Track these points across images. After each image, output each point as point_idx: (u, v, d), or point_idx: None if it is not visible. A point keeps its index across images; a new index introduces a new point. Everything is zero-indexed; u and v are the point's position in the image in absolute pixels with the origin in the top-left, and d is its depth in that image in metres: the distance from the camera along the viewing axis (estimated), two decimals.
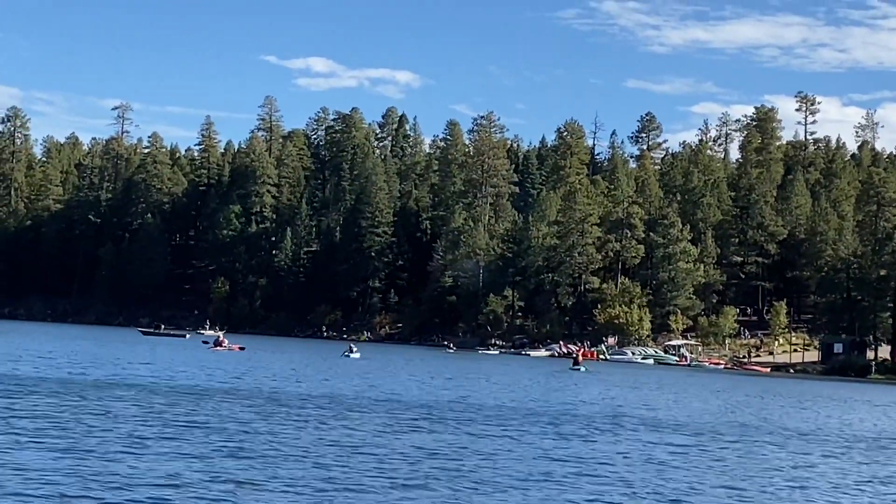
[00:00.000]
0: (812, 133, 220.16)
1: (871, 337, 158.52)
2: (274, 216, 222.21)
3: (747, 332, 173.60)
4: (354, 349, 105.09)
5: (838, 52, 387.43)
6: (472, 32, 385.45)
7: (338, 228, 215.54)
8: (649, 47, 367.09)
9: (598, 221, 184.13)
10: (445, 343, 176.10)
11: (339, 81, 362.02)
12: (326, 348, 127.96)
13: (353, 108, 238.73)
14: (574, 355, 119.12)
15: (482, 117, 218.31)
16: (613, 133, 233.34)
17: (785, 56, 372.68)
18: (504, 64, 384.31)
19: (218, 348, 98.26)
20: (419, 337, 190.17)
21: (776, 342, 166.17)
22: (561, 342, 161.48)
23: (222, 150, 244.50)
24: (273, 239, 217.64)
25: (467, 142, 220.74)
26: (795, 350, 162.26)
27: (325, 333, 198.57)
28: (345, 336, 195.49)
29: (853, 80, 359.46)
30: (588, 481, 25.04)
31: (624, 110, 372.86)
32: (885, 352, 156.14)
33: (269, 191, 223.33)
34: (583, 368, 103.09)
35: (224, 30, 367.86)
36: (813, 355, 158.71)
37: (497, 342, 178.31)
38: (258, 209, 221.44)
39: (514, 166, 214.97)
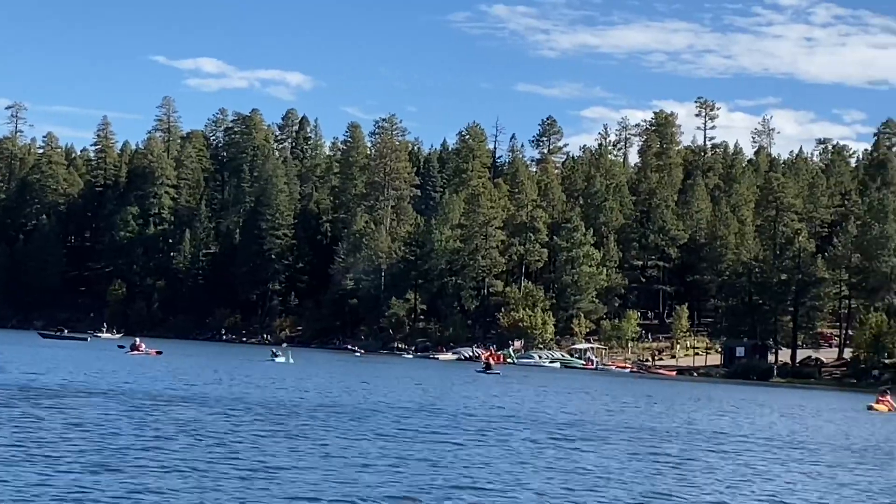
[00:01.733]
0: (711, 138, 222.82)
1: (772, 340, 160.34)
2: (172, 218, 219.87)
3: (649, 336, 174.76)
4: (279, 353, 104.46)
5: (724, 58, 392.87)
6: (364, 35, 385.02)
7: (237, 230, 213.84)
8: (539, 52, 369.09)
9: (502, 225, 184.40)
10: (349, 346, 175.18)
11: (229, 82, 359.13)
12: (245, 352, 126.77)
13: (252, 110, 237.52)
14: (484, 359, 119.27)
15: (384, 120, 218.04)
16: (513, 137, 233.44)
17: (672, 61, 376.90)
18: (395, 67, 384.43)
19: (135, 352, 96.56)
20: (320, 340, 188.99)
21: (678, 346, 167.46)
22: (477, 346, 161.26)
23: (119, 151, 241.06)
24: (171, 241, 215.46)
25: (369, 144, 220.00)
26: (697, 353, 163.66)
27: (225, 336, 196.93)
28: (244, 339, 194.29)
29: (739, 87, 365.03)
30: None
31: (515, 114, 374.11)
32: (785, 355, 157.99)
33: (167, 192, 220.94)
34: (499, 372, 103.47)
35: (113, 30, 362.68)
36: (715, 359, 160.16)
37: (401, 345, 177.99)
38: (156, 211, 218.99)
39: (415, 169, 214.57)
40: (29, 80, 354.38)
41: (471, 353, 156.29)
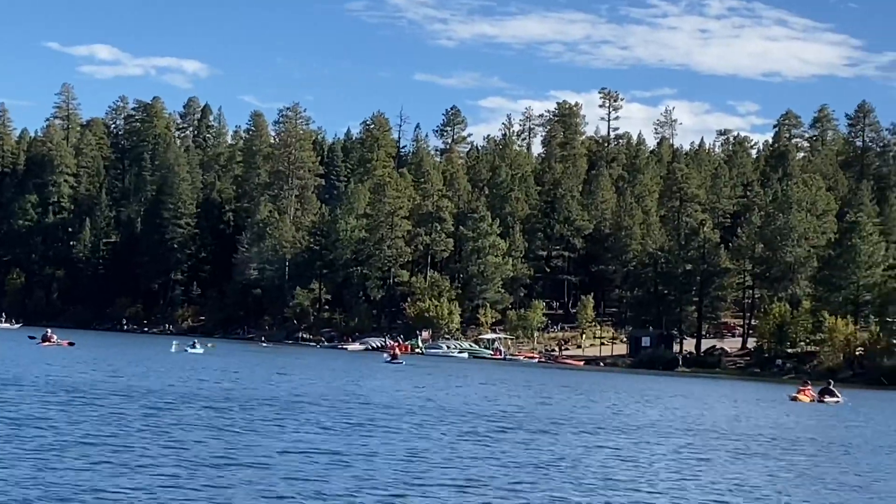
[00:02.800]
0: (615, 129, 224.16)
1: (676, 330, 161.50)
2: (72, 206, 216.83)
3: (555, 326, 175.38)
4: (197, 344, 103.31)
5: (621, 49, 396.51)
6: (260, 22, 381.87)
7: (139, 220, 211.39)
8: (437, 41, 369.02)
9: (408, 215, 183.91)
10: (252, 337, 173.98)
11: (124, 69, 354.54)
12: (159, 343, 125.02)
13: (154, 98, 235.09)
14: (390, 349, 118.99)
15: (288, 108, 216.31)
16: (418, 126, 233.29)
17: (570, 52, 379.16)
18: (292, 55, 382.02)
19: (46, 344, 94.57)
20: (223, 330, 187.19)
21: (584, 336, 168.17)
22: (386, 337, 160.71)
23: (17, 139, 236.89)
24: (71, 230, 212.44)
25: (272, 133, 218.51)
26: (603, 343, 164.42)
27: (126, 327, 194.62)
28: (145, 329, 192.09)
29: (635, 78, 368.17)
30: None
31: (414, 104, 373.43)
32: (690, 345, 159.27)
33: (66, 180, 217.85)
34: (402, 362, 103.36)
35: (5, 16, 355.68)
36: (620, 348, 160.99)
37: (306, 336, 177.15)
38: (55, 199, 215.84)
39: (319, 158, 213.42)
40: None
41: (379, 344, 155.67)
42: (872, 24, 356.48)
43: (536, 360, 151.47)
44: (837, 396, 65.05)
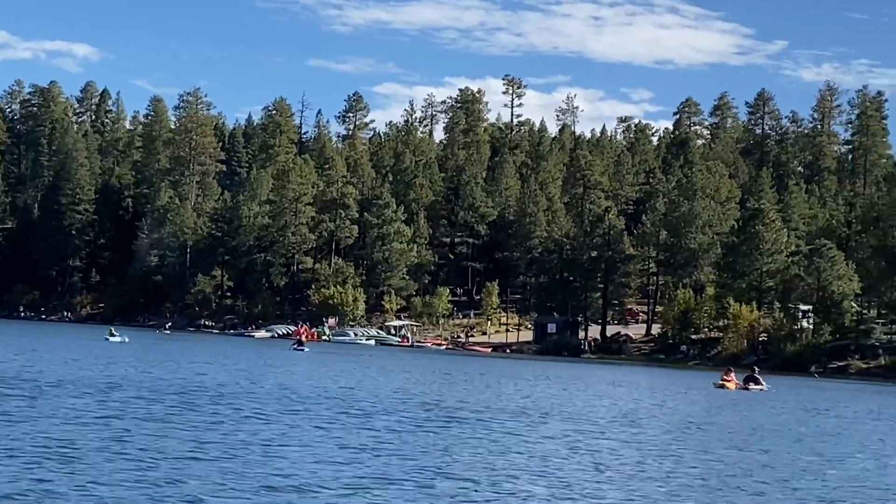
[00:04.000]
0: (518, 116, 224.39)
1: (582, 317, 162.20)
2: None
3: (459, 313, 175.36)
4: (116, 333, 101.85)
5: (515, 35, 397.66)
6: (152, 6, 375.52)
7: (36, 205, 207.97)
8: (332, 27, 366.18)
9: (312, 201, 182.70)
10: (153, 323, 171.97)
11: (14, 53, 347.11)
12: (72, 332, 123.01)
13: (51, 82, 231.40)
14: (297, 336, 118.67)
15: (188, 94, 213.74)
16: (319, 112, 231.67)
17: (464, 39, 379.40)
18: (185, 40, 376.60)
19: None
20: (122, 317, 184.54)
21: (489, 322, 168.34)
22: (293, 324, 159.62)
23: None
24: None
25: (172, 118, 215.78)
26: (508, 330, 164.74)
27: (23, 314, 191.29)
28: (43, 317, 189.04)
29: (530, 64, 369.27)
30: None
31: (308, 90, 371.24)
32: (595, 331, 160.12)
33: None
34: (307, 349, 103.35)
35: None
36: (525, 335, 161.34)
37: (208, 323, 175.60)
38: None
39: (220, 144, 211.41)
40: None
41: (285, 331, 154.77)
42: (762, 13, 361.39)
43: (444, 346, 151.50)
44: (762, 384, 65.37)
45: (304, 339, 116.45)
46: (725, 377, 65.67)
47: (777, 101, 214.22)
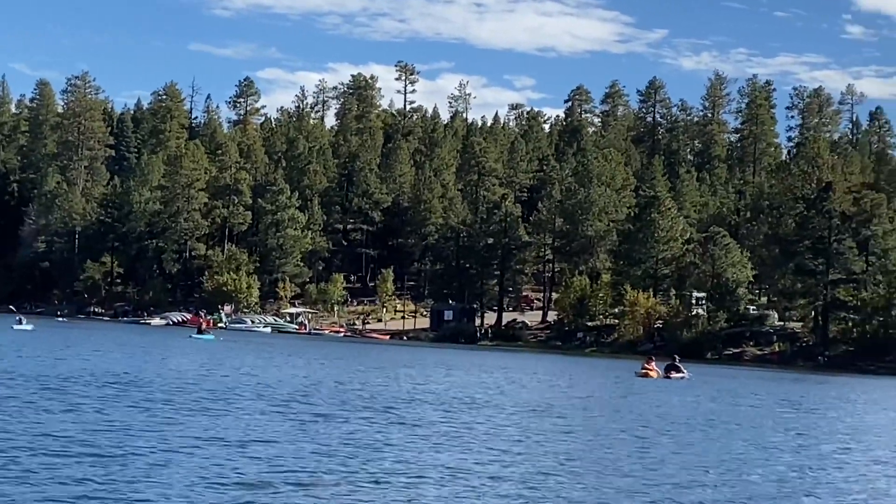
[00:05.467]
0: (411, 103, 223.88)
1: (478, 304, 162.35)
2: None
3: (354, 300, 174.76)
4: (24, 321, 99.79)
5: (398, 21, 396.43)
6: None
7: None
8: (212, 11, 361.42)
9: (204, 187, 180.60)
10: (41, 311, 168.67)
11: None
12: None
13: None
14: (192, 322, 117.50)
15: (77, 77, 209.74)
16: (209, 97, 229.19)
17: (347, 24, 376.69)
18: (63, 23, 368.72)
19: None
20: (7, 304, 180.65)
21: (384, 309, 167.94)
22: (187, 311, 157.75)
23: None
24: None
25: (60, 102, 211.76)
26: (404, 317, 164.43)
27: None
28: None
29: (413, 51, 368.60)
30: None
31: (187, 74, 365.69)
32: (491, 318, 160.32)
33: None
34: (211, 336, 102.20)
35: None
36: (422, 322, 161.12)
37: (98, 310, 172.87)
38: None
39: (109, 129, 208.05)
40: None
41: (180, 318, 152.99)
42: (642, 2, 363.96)
43: (342, 334, 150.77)
44: (683, 372, 65.66)
45: (205, 325, 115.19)
46: (647, 366, 65.66)
47: (657, 90, 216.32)
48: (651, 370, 64.76)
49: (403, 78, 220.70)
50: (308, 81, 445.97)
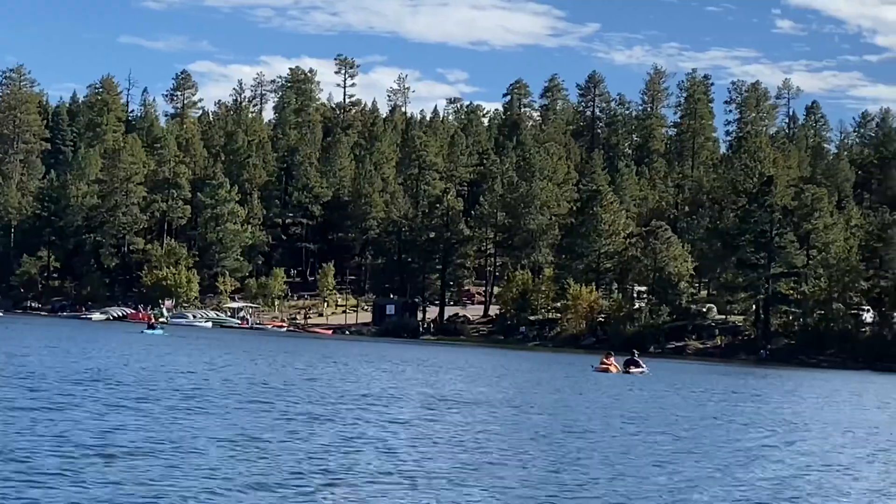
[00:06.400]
0: (351, 96, 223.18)
1: (420, 298, 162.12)
2: None
3: (295, 295, 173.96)
4: None
5: (330, 15, 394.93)
6: None
7: None
8: (143, 3, 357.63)
9: (143, 181, 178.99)
10: None
11: None
12: None
13: None
14: (135, 319, 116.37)
15: (11, 70, 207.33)
16: (146, 91, 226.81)
17: (279, 17, 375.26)
18: None
19: None
20: None
21: (326, 304, 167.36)
22: (127, 306, 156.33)
23: None
24: None
25: None
26: (345, 311, 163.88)
27: None
28: None
29: (346, 44, 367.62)
30: None
31: (120, 67, 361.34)
32: (433, 312, 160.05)
33: None
34: (159, 331, 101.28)
35: None
36: (363, 316, 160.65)
37: (34, 304, 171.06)
38: None
39: (44, 122, 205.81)
40: None
41: (120, 313, 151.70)
42: None
43: (285, 328, 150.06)
44: (642, 367, 65.70)
45: (154, 321, 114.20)
46: (606, 360, 65.40)
47: (597, 84, 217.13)
48: (610, 365, 64.62)
49: (343, 72, 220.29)
50: (240, 74, 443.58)
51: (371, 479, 20.13)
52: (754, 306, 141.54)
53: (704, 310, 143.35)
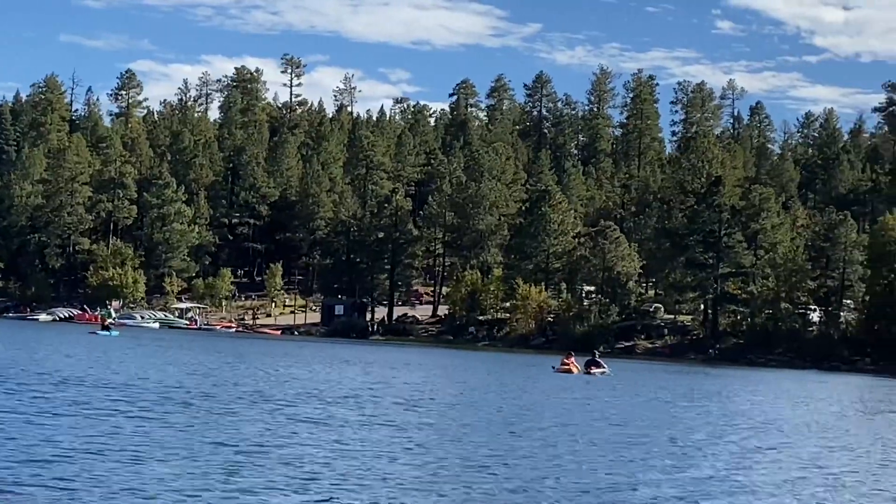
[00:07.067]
0: (298, 96, 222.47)
1: (369, 298, 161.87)
2: None
3: (242, 295, 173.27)
4: None
5: (271, 14, 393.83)
6: None
7: None
8: (83, 1, 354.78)
9: (88, 180, 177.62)
10: None
11: None
12: None
13: None
14: (83, 320, 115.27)
15: None
16: (90, 90, 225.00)
17: (220, 16, 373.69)
18: None
19: None
20: None
21: (274, 304, 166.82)
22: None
23: None
24: None
25: None
26: (293, 312, 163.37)
27: None
28: None
29: (287, 43, 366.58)
30: None
31: (58, 66, 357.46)
32: (382, 313, 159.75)
33: None
34: (115, 333, 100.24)
35: None
36: (312, 317, 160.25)
37: None
38: None
39: None
40: None
41: (67, 314, 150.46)
42: None
43: (234, 329, 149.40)
44: (603, 367, 65.66)
45: (108, 322, 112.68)
46: (566, 361, 65.26)
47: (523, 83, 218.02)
48: (571, 365, 64.54)
49: (290, 71, 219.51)
50: (182, 74, 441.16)
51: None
52: (702, 306, 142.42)
53: (652, 310, 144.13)
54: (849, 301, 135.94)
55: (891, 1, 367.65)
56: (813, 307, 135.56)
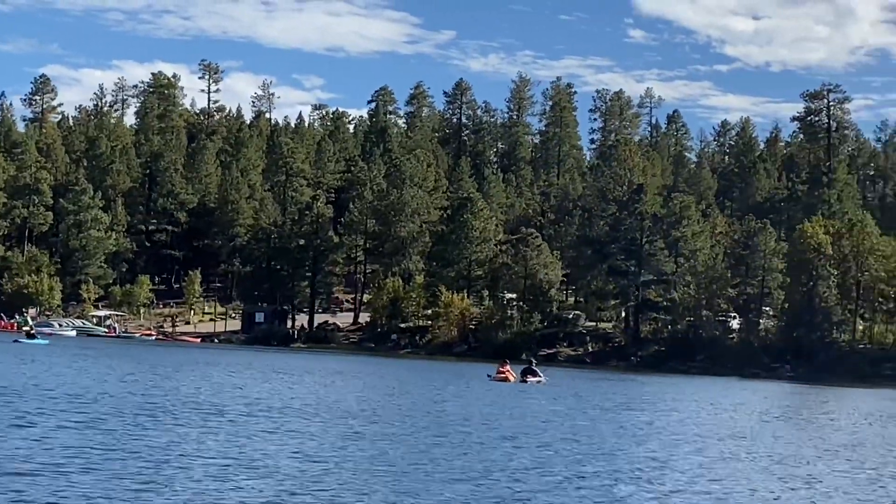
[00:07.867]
0: (216, 102, 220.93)
1: (290, 306, 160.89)
2: None
3: (160, 303, 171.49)
4: None
5: (183, 19, 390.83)
6: None
7: None
8: None
9: (3, 186, 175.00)
10: None
11: None
12: None
13: None
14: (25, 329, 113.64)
15: None
16: (3, 94, 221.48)
17: (131, 21, 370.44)
18: None
19: None
20: None
21: (192, 312, 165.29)
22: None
23: None
24: None
25: None
26: (213, 319, 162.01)
27: None
28: None
29: (199, 49, 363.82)
30: None
31: None
32: (303, 320, 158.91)
33: None
34: (44, 341, 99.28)
35: None
36: (232, 324, 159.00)
37: None
38: None
39: None
40: None
41: None
42: (430, 4, 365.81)
43: (154, 337, 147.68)
44: (539, 376, 65.42)
45: (34, 331, 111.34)
46: (502, 369, 64.99)
47: (441, 89, 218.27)
48: (507, 373, 64.29)
49: (207, 77, 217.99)
50: (92, 79, 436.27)
51: None
52: (624, 313, 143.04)
53: (572, 317, 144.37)
54: (768, 308, 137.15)
55: (799, 11, 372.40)
56: (733, 314, 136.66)
